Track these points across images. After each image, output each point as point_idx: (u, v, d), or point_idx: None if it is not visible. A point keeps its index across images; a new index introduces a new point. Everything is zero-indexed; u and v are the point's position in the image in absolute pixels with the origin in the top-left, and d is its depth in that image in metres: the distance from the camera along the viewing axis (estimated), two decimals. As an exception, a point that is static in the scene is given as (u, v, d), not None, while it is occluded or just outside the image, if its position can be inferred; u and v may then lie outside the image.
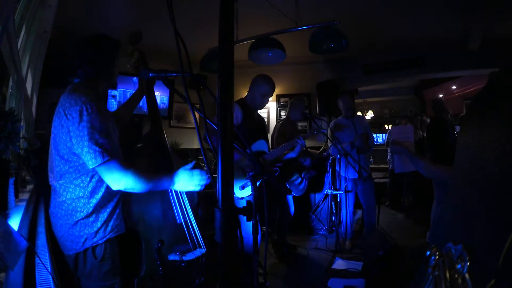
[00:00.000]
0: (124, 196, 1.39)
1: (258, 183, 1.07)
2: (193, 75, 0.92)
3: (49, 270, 1.04)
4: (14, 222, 1.15)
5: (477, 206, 0.48)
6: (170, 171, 1.48)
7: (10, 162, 1.35)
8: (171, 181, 1.33)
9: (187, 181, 1.34)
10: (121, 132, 1.55)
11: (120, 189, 1.23)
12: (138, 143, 1.63)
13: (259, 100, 2.45)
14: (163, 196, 1.52)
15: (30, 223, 1.49)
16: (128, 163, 1.25)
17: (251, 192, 2.26)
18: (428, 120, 4.96)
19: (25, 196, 1.68)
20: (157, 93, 1.77)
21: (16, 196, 1.52)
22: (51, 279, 1.01)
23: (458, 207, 0.55)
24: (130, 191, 1.26)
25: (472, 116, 0.60)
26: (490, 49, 4.37)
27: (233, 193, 0.66)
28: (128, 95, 3.00)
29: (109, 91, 4.19)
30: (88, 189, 1.26)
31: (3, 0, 1.34)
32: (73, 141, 1.18)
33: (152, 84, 1.70)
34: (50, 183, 1.31)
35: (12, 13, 1.60)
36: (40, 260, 1.05)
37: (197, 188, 1.37)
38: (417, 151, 4.12)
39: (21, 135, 1.38)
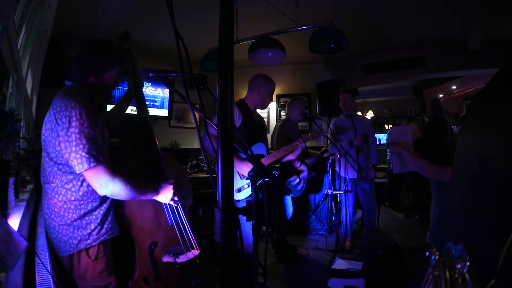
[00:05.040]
0: (116, 199, 1.40)
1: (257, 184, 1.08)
2: (193, 75, 0.92)
3: (49, 270, 1.04)
4: (14, 222, 1.15)
5: (476, 206, 0.48)
6: (158, 175, 1.48)
7: (10, 162, 1.35)
8: (156, 192, 1.39)
9: (168, 196, 1.42)
10: (116, 131, 1.55)
11: (106, 194, 1.24)
12: (128, 144, 1.61)
13: (268, 99, 2.50)
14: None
15: (30, 223, 1.49)
16: (116, 170, 1.25)
17: (249, 194, 2.26)
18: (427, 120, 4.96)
19: (25, 196, 1.68)
20: (158, 92, 1.76)
21: (16, 196, 1.52)
22: (51, 279, 1.01)
23: (457, 207, 0.55)
24: (116, 197, 1.28)
25: (472, 115, 0.60)
26: (490, 49, 4.37)
27: (233, 193, 0.66)
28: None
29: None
30: (80, 193, 1.27)
31: (3, 0, 1.34)
32: (62, 146, 1.18)
33: (140, 85, 1.69)
34: (42, 183, 1.31)
35: (12, 13, 1.60)
36: (40, 260, 1.04)
37: (175, 204, 1.48)
38: (416, 151, 4.13)
39: (21, 135, 1.38)
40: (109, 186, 1.22)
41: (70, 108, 1.17)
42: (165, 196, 1.42)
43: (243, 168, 2.23)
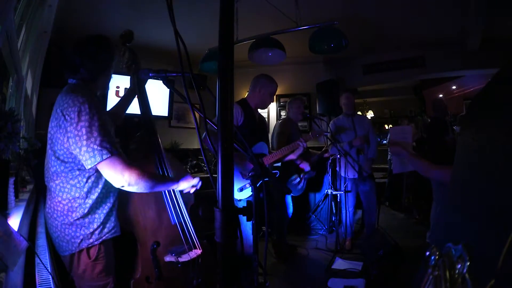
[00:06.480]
0: (119, 198, 1.40)
1: (258, 184, 1.08)
2: (193, 75, 0.92)
3: (49, 270, 1.04)
4: (14, 222, 1.15)
5: (477, 206, 0.48)
6: (162, 173, 1.48)
7: (10, 162, 1.35)
8: (176, 181, 1.40)
9: (190, 182, 1.44)
10: (117, 131, 1.55)
11: (123, 185, 1.20)
12: (131, 144, 1.62)
13: (269, 99, 2.52)
14: (157, 197, 1.51)
15: (30, 223, 1.49)
16: (128, 160, 1.24)
17: (250, 194, 2.26)
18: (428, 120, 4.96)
19: (25, 196, 1.67)
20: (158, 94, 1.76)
21: (16, 196, 1.51)
22: (51, 279, 1.01)
23: (457, 207, 0.55)
24: (134, 188, 1.23)
25: (472, 116, 0.60)
26: (490, 49, 4.37)
27: (233, 193, 0.66)
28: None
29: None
30: (84, 190, 1.26)
31: (3, 0, 1.34)
32: (71, 142, 1.18)
33: (143, 84, 1.69)
34: (46, 183, 1.31)
35: (12, 13, 1.60)
36: (40, 260, 1.04)
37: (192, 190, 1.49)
38: (416, 151, 4.12)
39: (21, 135, 1.38)
40: (126, 175, 1.19)
41: (78, 104, 1.17)
42: (187, 182, 1.44)
43: (246, 167, 2.24)
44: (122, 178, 1.19)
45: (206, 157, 0.83)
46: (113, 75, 1.49)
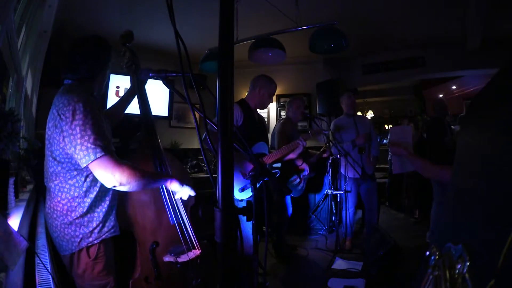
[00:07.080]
0: (118, 198, 1.40)
1: (258, 184, 1.08)
2: (193, 75, 0.92)
3: (49, 270, 1.04)
4: (14, 222, 1.15)
5: (477, 206, 0.48)
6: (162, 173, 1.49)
7: (10, 162, 1.35)
8: (170, 178, 1.38)
9: (179, 188, 1.42)
10: (115, 131, 1.56)
11: (114, 185, 1.20)
12: (131, 144, 1.62)
13: (268, 100, 2.52)
14: (156, 197, 1.51)
15: (30, 223, 1.49)
16: (122, 159, 1.24)
17: (250, 194, 2.26)
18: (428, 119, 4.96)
19: (25, 196, 1.68)
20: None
21: (16, 196, 1.52)
22: (51, 279, 1.01)
23: (457, 207, 0.55)
24: (125, 188, 1.23)
25: (472, 116, 0.60)
26: (490, 49, 4.37)
27: (233, 193, 0.66)
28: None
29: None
30: (83, 189, 1.26)
31: (3, 0, 1.34)
32: (66, 141, 1.18)
33: (143, 84, 1.70)
34: (45, 183, 1.31)
35: (12, 13, 1.60)
36: (40, 260, 1.04)
37: (184, 197, 1.48)
38: (416, 151, 4.12)
39: (21, 135, 1.38)
40: (117, 175, 1.18)
41: (73, 103, 1.18)
42: (178, 186, 1.40)
43: (247, 167, 2.24)
44: (113, 178, 1.18)
45: (206, 157, 0.83)
46: (113, 75, 1.49)
